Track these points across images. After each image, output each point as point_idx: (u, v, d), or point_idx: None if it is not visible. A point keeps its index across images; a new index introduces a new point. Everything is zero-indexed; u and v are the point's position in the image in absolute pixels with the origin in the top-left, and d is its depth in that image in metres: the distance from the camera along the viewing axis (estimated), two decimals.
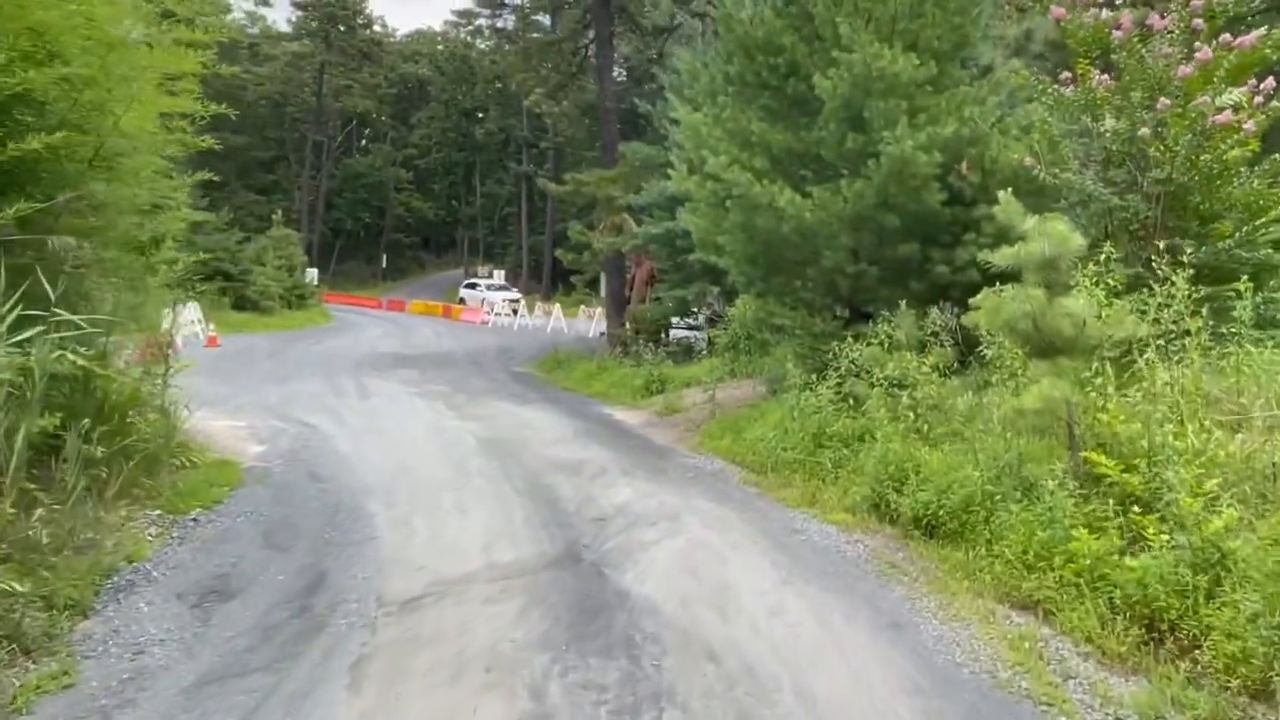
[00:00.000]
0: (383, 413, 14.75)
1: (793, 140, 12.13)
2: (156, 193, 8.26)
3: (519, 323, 39.28)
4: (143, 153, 7.75)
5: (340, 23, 63.78)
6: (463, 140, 73.60)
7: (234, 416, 13.76)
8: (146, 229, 8.96)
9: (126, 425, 7.70)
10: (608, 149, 23.63)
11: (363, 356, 24.90)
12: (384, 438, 12.38)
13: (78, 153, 6.81)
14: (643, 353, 18.31)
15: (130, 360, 9.61)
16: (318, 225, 67.73)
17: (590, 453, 11.67)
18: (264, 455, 10.90)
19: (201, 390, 17.18)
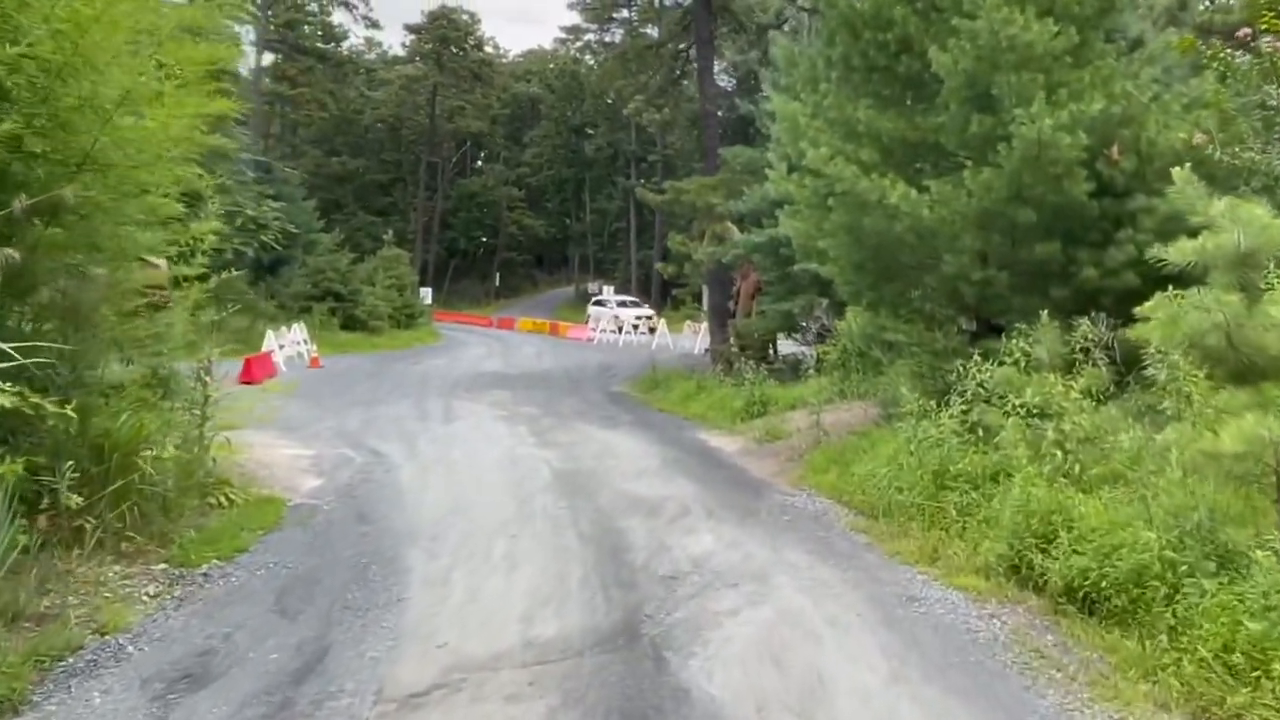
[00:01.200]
0: (461, 439, 13.72)
1: (905, 127, 10.54)
2: (154, 204, 7.30)
3: (624, 339, 38.20)
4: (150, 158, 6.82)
5: (452, 45, 64.45)
6: (572, 157, 73.45)
7: (306, 444, 12.95)
8: (154, 240, 8.01)
9: (130, 465, 6.72)
10: (708, 155, 22.30)
11: (459, 377, 24.17)
12: (452, 470, 11.29)
13: (55, 153, 5.87)
14: (745, 371, 16.82)
15: (200, 384, 8.82)
16: (433, 245, 68.57)
17: (674, 488, 10.29)
18: (317, 491, 9.93)
19: (288, 414, 16.69)
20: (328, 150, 66.73)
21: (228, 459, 10.69)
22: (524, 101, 77.37)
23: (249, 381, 21.09)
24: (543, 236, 77.03)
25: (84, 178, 6.13)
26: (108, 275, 6.58)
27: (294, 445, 12.85)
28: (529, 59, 78.24)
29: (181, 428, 8.80)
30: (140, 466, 6.71)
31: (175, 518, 7.49)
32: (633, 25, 55.80)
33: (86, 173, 6.11)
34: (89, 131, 5.87)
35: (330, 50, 57.87)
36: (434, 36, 63.61)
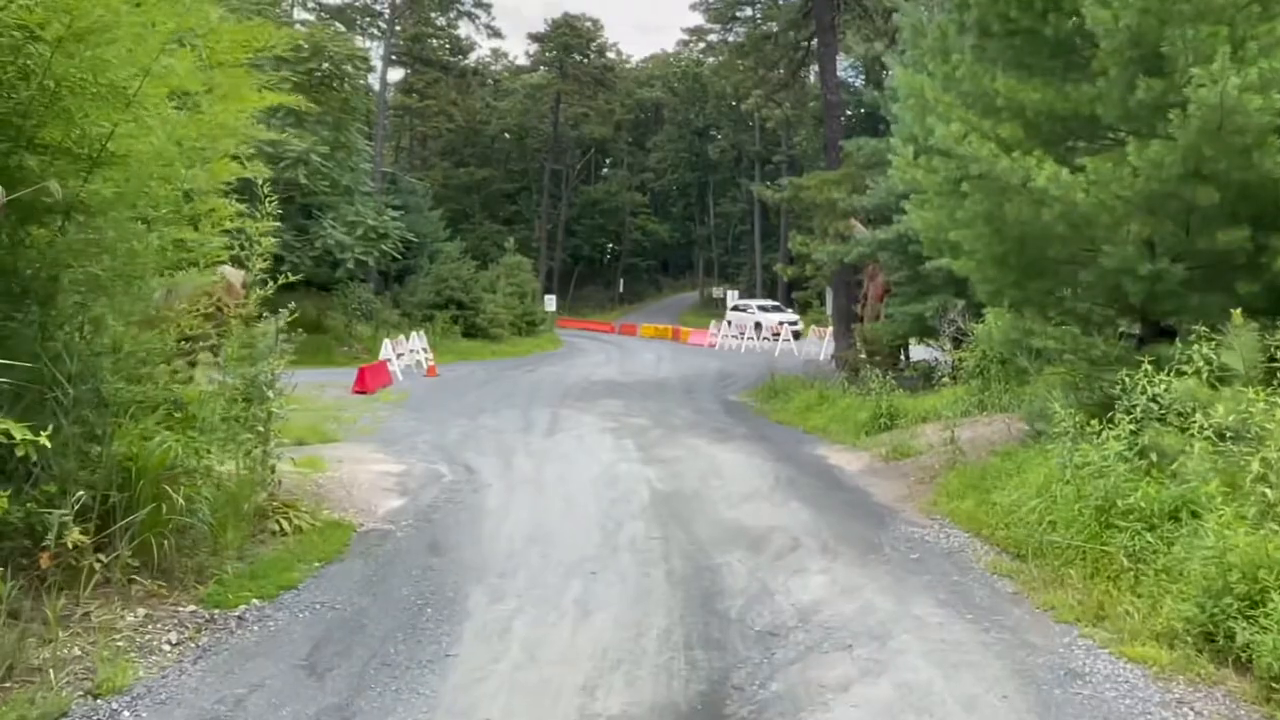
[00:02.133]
0: (560, 454, 12.84)
1: (1054, 98, 9.04)
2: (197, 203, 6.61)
3: (747, 345, 36.89)
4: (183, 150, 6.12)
5: (575, 52, 64.44)
6: (696, 160, 72.44)
7: (399, 458, 12.33)
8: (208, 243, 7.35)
9: (161, 493, 6.02)
10: (829, 148, 20.90)
11: (572, 385, 23.46)
12: (542, 490, 10.40)
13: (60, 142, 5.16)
14: (871, 380, 15.40)
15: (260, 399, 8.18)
16: (557, 252, 68.72)
17: (785, 515, 9.10)
18: (394, 514, 9.17)
19: (391, 425, 16.27)
20: (456, 161, 67.78)
21: (305, 478, 10.15)
22: (647, 106, 76.89)
23: (362, 391, 20.91)
24: (667, 241, 76.29)
25: (105, 171, 5.44)
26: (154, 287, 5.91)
27: (386, 460, 12.25)
28: (652, 63, 77.69)
29: (246, 446, 8.18)
30: (170, 495, 5.98)
31: (222, 549, 6.78)
32: (756, 24, 54.40)
33: (105, 165, 5.42)
34: (98, 117, 5.15)
35: (456, 62, 58.59)
36: (557, 44, 63.72)
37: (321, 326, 32.51)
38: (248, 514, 7.33)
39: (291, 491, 9.17)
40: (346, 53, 30.25)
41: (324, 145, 28.23)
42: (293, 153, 27.39)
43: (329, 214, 29.47)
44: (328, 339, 31.60)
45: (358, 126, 32.23)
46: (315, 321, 32.54)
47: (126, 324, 5.34)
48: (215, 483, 6.96)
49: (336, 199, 30.16)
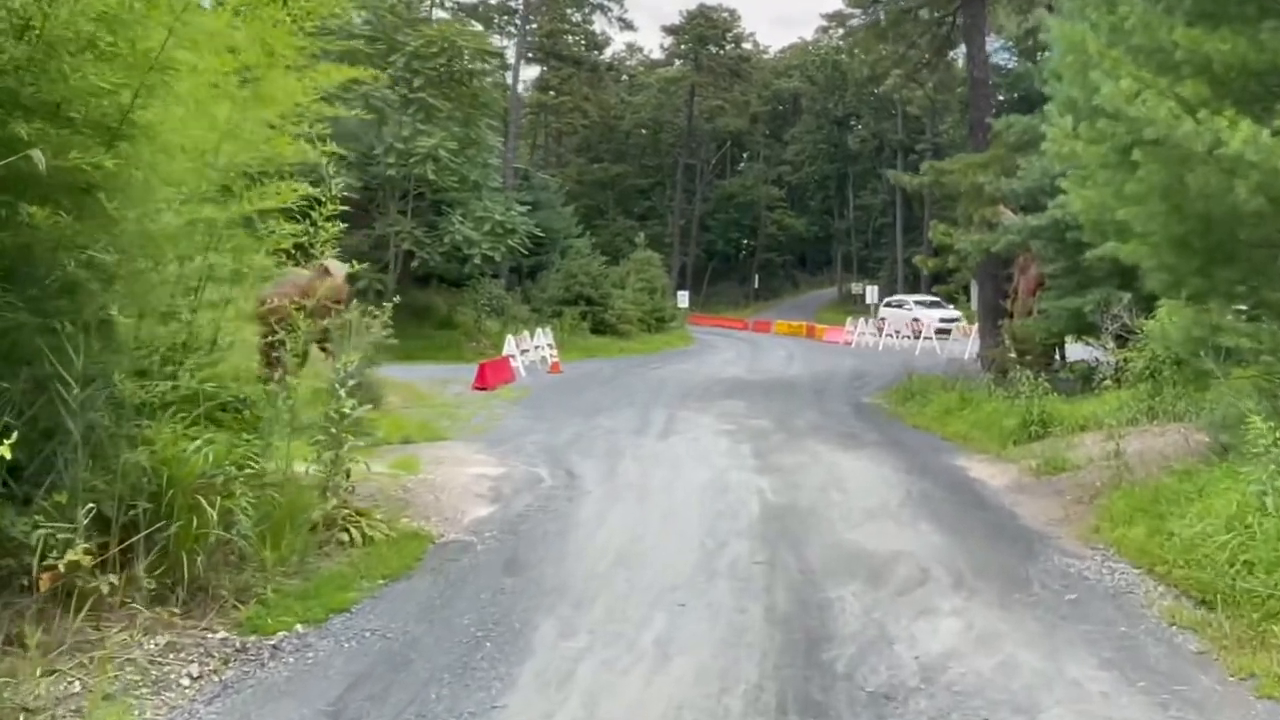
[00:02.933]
0: (670, 458, 11.94)
1: (1247, 49, 7.51)
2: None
3: (884, 343, 35.08)
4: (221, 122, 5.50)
5: (710, 44, 63.42)
6: (834, 151, 70.19)
7: (502, 460, 11.71)
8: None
9: (196, 505, 5.42)
10: (975, 129, 19.22)
11: (698, 383, 22.53)
12: (644, 499, 9.51)
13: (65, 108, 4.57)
14: (1021, 381, 13.84)
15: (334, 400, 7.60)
16: (691, 248, 67.92)
17: (914, 538, 7.92)
18: (480, 523, 8.46)
19: (504, 424, 15.75)
20: (591, 157, 67.88)
21: (395, 481, 9.58)
22: (785, 97, 75.08)
23: (482, 388, 20.57)
24: (804, 236, 74.31)
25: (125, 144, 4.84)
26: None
27: (488, 461, 11.64)
28: (790, 53, 75.82)
29: (320, 450, 7.61)
30: (203, 506, 5.36)
31: (271, 564, 6.16)
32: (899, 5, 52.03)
33: (124, 139, 4.82)
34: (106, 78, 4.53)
35: (591, 57, 58.53)
36: (692, 36, 62.85)
37: (451, 322, 32.68)
38: (305, 524, 6.69)
39: (373, 497, 8.61)
40: (476, 48, 30.17)
41: (452, 141, 28.19)
42: (422, 149, 27.48)
43: (458, 210, 29.46)
44: (457, 334, 31.70)
45: (488, 122, 32.17)
46: (446, 317, 32.78)
47: (140, 316, 4.73)
48: (270, 490, 6.33)
49: (466, 195, 30.14)
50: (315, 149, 7.22)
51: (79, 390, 4.59)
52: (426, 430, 14.17)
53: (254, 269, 7.03)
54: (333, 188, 8.09)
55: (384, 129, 28.19)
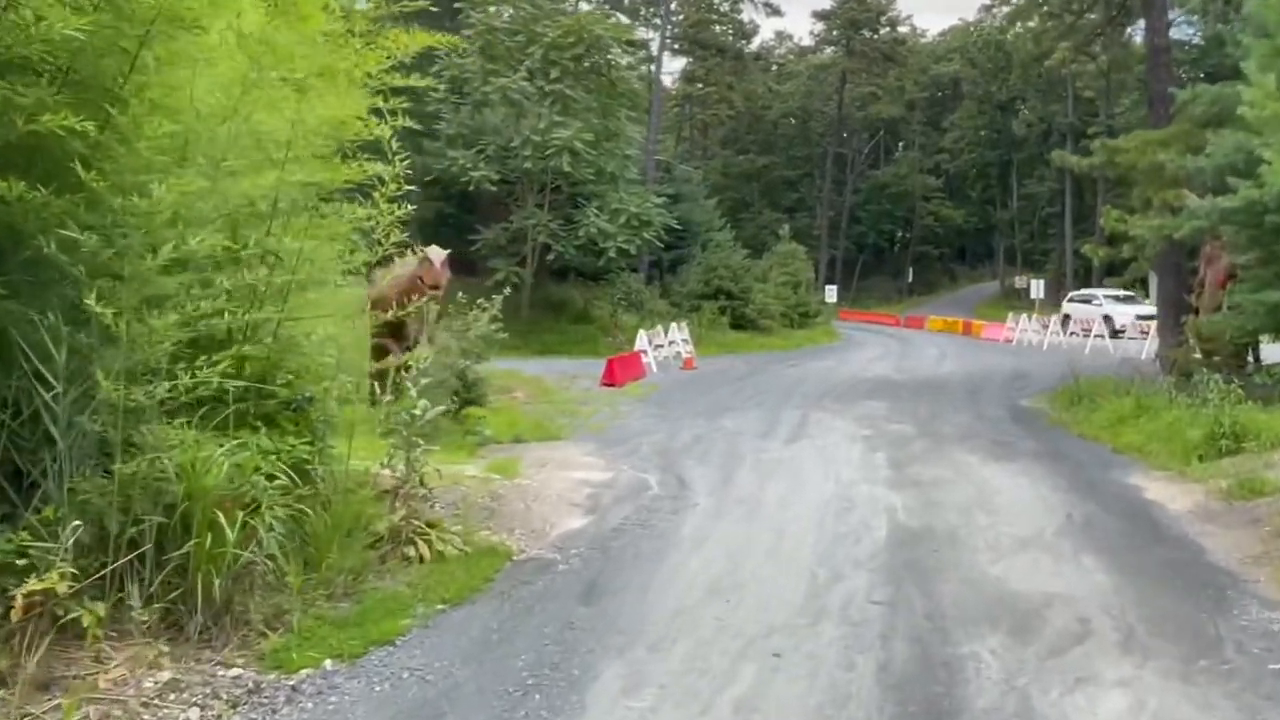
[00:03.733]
0: (794, 467, 10.84)
1: None
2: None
3: (1049, 340, 32.50)
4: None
5: (863, 27, 61.06)
6: (997, 138, 66.32)
7: (611, 463, 10.92)
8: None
9: (213, 522, 4.78)
10: (1155, 103, 17.09)
11: (837, 382, 21.18)
12: (754, 516, 8.47)
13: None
14: (1208, 386, 11.99)
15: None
16: (840, 241, 65.78)
17: (1074, 577, 6.60)
18: (568, 538, 7.64)
19: (624, 423, 14.96)
20: (737, 149, 66.65)
21: (486, 487, 8.89)
22: (944, 83, 71.63)
23: (611, 384, 19.91)
24: (962, 227, 70.73)
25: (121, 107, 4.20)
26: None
27: (595, 464, 10.86)
28: (950, 36, 72.29)
29: (391, 454, 6.97)
30: (221, 522, 4.71)
31: (316, 585, 5.50)
32: None
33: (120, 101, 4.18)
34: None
35: (738, 46, 57.27)
36: (844, 21, 60.65)
37: (588, 316, 32.26)
38: (361, 539, 6.01)
39: (454, 505, 7.93)
40: (615, 36, 29.57)
41: (589, 133, 27.67)
42: (558, 141, 27.08)
43: (594, 202, 28.95)
44: (593, 328, 31.25)
45: (627, 114, 31.52)
46: (582, 311, 32.40)
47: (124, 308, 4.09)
48: (316, 501, 5.67)
49: (603, 188, 29.60)
50: (385, 124, 6.50)
51: (62, 390, 4.00)
52: (541, 428, 13.54)
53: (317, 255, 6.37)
54: (396, 164, 7.40)
55: (522, 122, 27.98)
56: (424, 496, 7.17)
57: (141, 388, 4.30)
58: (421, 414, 6.89)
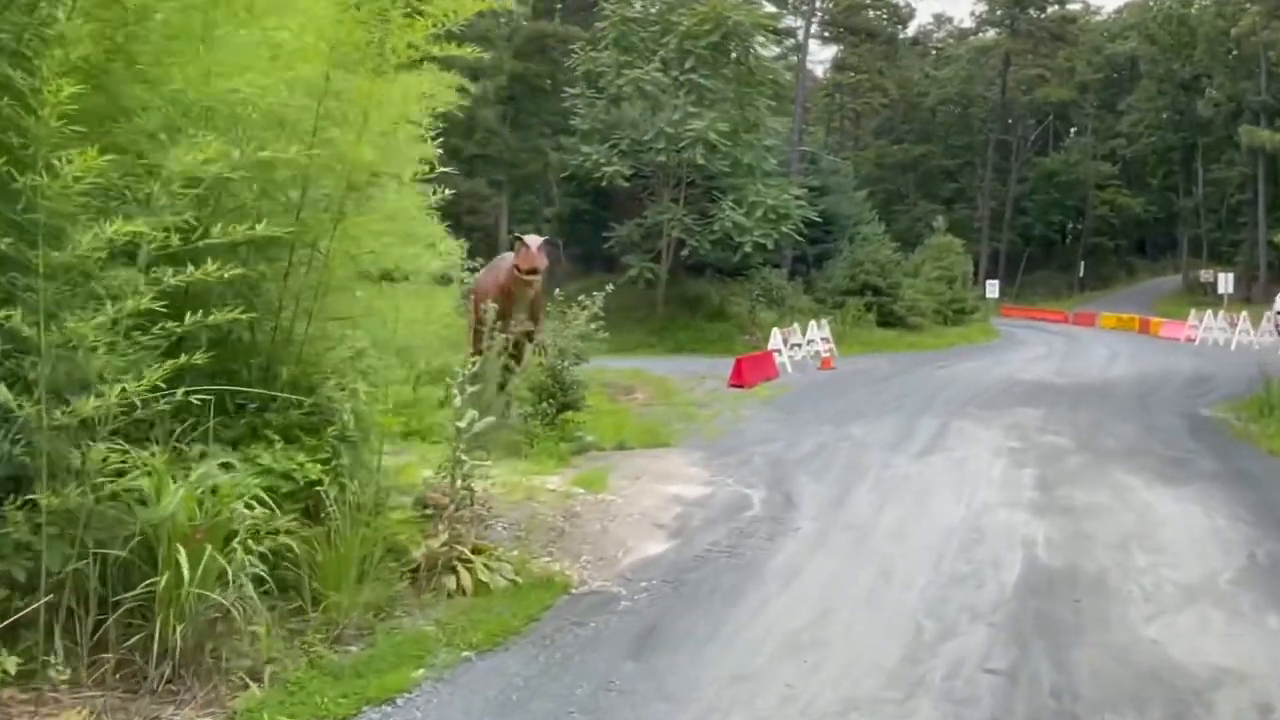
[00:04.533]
0: (921, 486, 9.59)
1: None
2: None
3: (1238, 340, 29.21)
4: None
5: (1028, 6, 57.35)
6: (1179, 119, 60.84)
7: (714, 475, 10.01)
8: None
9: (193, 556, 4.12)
10: None
11: (988, 385, 19.40)
12: (862, 547, 7.33)
13: None
14: None
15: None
16: (1004, 233, 62.08)
17: (1255, 643, 5.22)
18: (640, 568, 6.74)
19: (747, 427, 13.95)
20: (892, 138, 63.97)
21: (559, 505, 8.07)
22: (1119, 62, 66.52)
23: (739, 385, 18.87)
24: (1141, 217, 65.42)
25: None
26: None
27: (696, 477, 9.93)
28: (1126, 11, 67.11)
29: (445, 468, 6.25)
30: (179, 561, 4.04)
31: (319, 624, 4.81)
32: None
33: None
34: None
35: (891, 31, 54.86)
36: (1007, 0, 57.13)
37: (724, 313, 31.23)
38: (384, 570, 5.27)
39: (517, 525, 7.17)
40: (753, 22, 28.40)
41: (725, 123, 26.63)
42: (691, 132, 26.18)
43: (730, 195, 27.88)
44: (729, 326, 30.20)
45: (766, 103, 30.27)
46: (718, 308, 31.39)
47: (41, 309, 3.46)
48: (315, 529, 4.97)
49: (741, 180, 28.48)
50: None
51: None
52: (650, 434, 12.70)
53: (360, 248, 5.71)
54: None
55: (658, 115, 27.24)
56: (475, 518, 6.41)
57: (83, 403, 3.65)
58: (468, 425, 6.13)
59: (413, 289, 7.52)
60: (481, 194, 36.26)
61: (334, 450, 5.18)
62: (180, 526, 4.11)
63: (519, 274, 10.72)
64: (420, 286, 7.69)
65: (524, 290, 10.88)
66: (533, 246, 10.82)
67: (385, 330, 6.82)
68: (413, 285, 7.47)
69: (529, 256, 10.76)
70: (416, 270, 7.23)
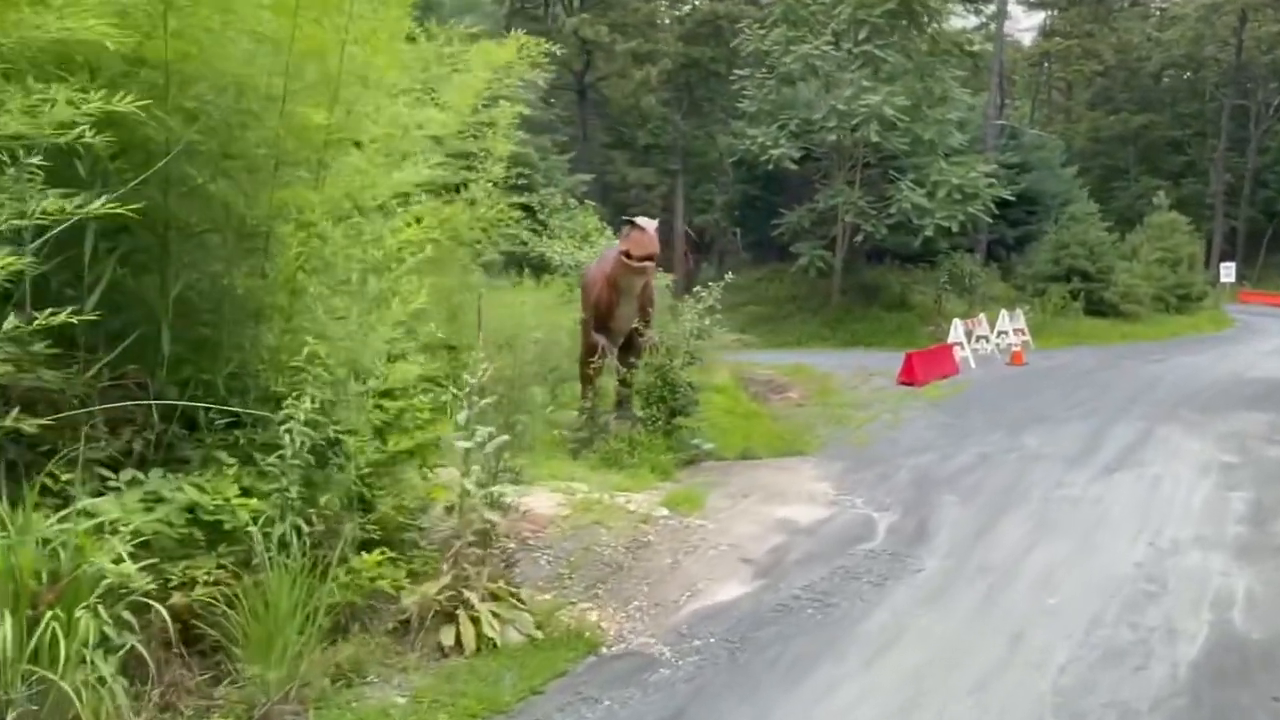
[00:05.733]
0: (1095, 515, 7.80)
1: None
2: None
3: None
4: None
5: None
6: None
7: (839, 495, 8.68)
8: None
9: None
10: None
11: (1208, 384, 16.64)
12: (994, 598, 5.77)
13: None
14: None
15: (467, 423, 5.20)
16: (1242, 210, 55.34)
17: None
18: (697, 622, 5.48)
19: (902, 433, 12.32)
20: (1109, 109, 58.32)
21: (625, 534, 6.89)
22: None
23: (909, 383, 17.05)
24: None
25: None
26: None
27: (819, 496, 8.58)
28: None
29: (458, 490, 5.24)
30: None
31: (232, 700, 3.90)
32: None
33: None
34: None
35: None
36: None
37: (906, 303, 28.95)
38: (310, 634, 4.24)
39: (562, 560, 6.08)
40: None
41: (902, 96, 24.50)
42: (864, 109, 24.23)
43: (909, 175, 25.68)
44: (912, 316, 27.93)
45: (954, 73, 27.73)
46: (898, 297, 29.15)
47: None
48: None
49: (924, 159, 26.19)
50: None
51: None
52: (784, 440, 11.35)
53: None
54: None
55: (832, 92, 25.44)
56: (499, 554, 5.37)
57: None
58: (480, 445, 5.08)
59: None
60: (647, 183, 35.38)
61: (280, 477, 4.26)
62: (22, 584, 3.28)
63: (629, 261, 9.44)
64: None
65: (632, 280, 9.66)
66: (648, 229, 9.50)
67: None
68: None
69: (641, 240, 9.42)
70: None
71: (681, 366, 9.70)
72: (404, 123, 4.66)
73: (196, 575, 3.91)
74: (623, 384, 10.44)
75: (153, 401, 4.21)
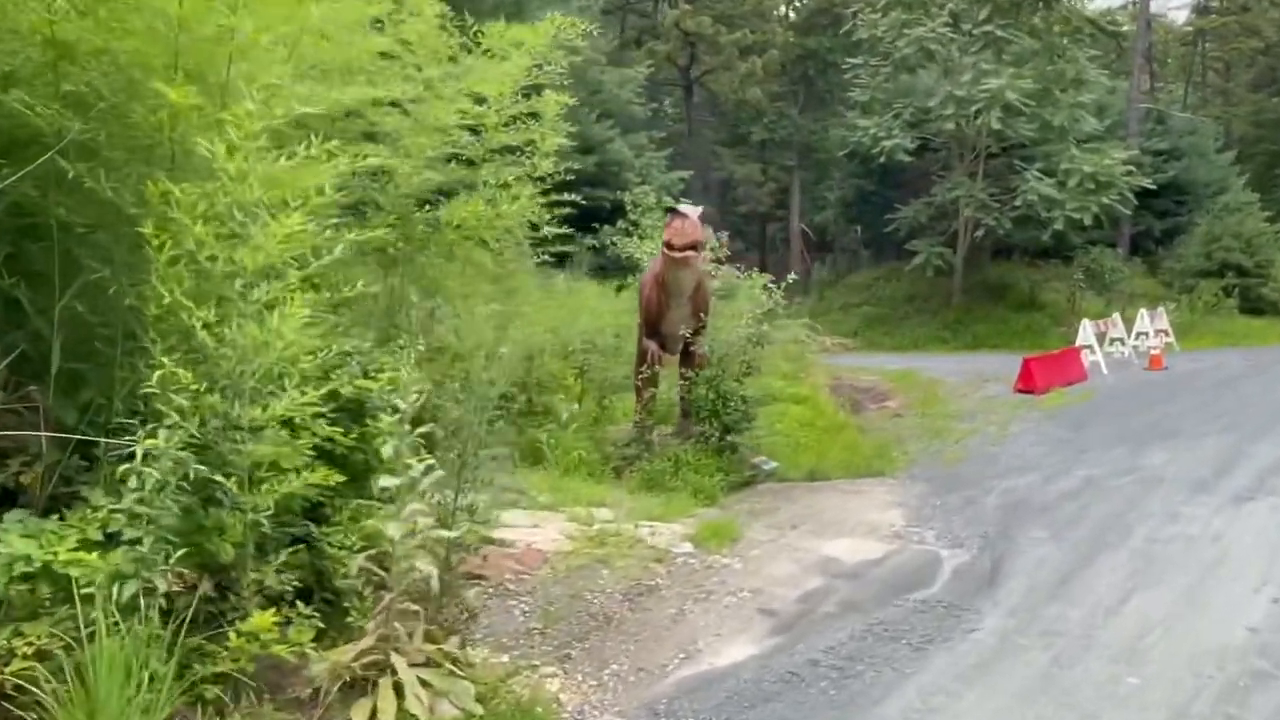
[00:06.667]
0: (1215, 555, 6.48)
1: None
2: None
3: None
4: None
5: None
6: None
7: (908, 526, 7.68)
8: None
9: None
10: None
11: None
12: (1057, 672, 4.63)
13: None
14: None
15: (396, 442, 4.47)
16: None
17: None
18: (685, 691, 4.58)
19: (1001, 449, 11.03)
20: (1273, 90, 53.52)
21: (632, 575, 6.00)
22: None
23: (1028, 390, 15.52)
24: None
25: None
26: None
27: (883, 528, 7.53)
28: None
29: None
30: None
31: None
32: None
33: None
34: None
35: None
36: None
37: (1036, 302, 26.89)
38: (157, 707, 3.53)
39: (543, 608, 5.25)
40: None
41: (1026, 79, 22.67)
42: (985, 94, 22.51)
43: (1036, 164, 23.76)
44: (1042, 316, 25.89)
45: (1089, 53, 25.57)
46: (1028, 296, 27.13)
47: None
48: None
49: (1054, 147, 24.20)
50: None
51: None
52: (863, 458, 10.26)
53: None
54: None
55: (947, 78, 23.82)
56: (450, 605, 4.59)
57: None
58: (414, 481, 4.31)
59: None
60: (756, 180, 34.14)
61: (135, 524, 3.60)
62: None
63: (670, 253, 8.53)
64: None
65: (679, 276, 8.71)
66: (690, 215, 8.56)
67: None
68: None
69: (683, 229, 8.48)
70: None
71: (737, 377, 8.73)
72: (299, 104, 3.94)
73: (16, 646, 3.27)
74: (685, 397, 9.57)
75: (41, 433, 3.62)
